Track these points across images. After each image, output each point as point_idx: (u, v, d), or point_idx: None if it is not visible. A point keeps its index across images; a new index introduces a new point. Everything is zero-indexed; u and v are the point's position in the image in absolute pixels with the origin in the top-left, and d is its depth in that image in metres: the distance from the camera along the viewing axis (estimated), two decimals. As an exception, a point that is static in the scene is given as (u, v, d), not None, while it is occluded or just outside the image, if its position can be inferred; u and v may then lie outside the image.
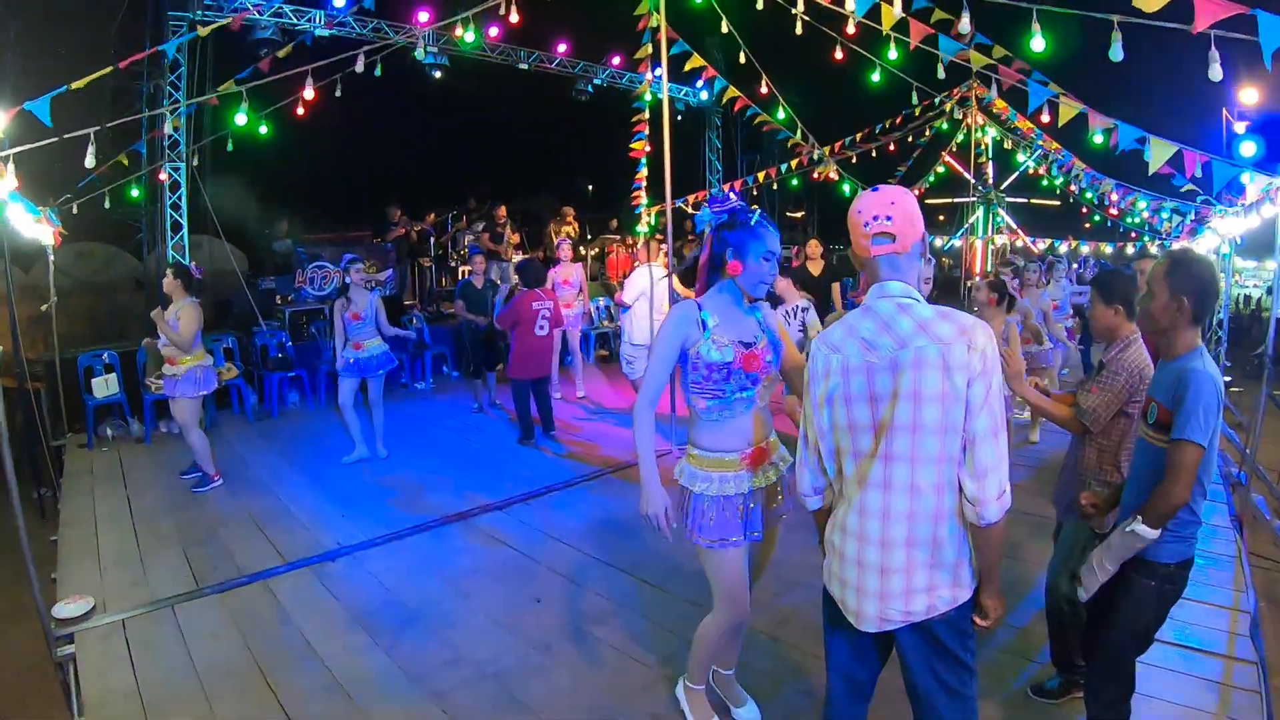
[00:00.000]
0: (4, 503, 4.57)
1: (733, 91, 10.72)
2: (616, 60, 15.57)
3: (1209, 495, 2.90)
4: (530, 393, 8.22)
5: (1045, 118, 7.52)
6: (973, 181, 15.48)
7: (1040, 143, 14.46)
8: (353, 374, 7.63)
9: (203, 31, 6.96)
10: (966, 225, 16.49)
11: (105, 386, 8.89)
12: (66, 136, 5.89)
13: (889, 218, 2.31)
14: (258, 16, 10.60)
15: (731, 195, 3.11)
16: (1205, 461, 2.74)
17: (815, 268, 9.16)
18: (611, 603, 4.73)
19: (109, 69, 6.05)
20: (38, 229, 7.01)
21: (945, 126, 15.14)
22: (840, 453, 2.41)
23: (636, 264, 9.20)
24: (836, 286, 9.25)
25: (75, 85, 5.72)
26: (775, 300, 6.84)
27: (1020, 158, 15.58)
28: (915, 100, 10.17)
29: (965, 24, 6.60)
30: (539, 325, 8.05)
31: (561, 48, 14.82)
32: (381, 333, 7.75)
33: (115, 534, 6.20)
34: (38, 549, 4.54)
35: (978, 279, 6.46)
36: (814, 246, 9.48)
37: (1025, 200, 17.24)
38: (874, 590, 2.32)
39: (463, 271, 13.97)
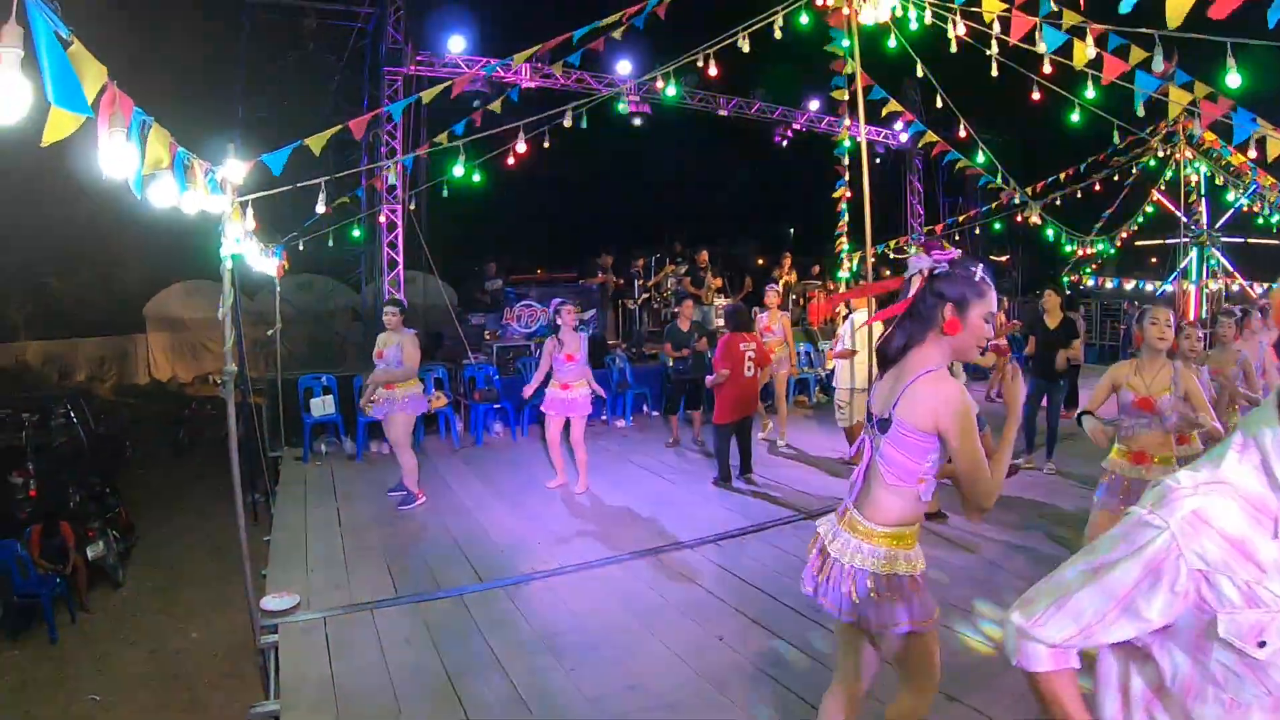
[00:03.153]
0: (222, 504, 4.92)
1: (931, 135, 10.50)
2: (815, 105, 15.58)
3: None
4: (733, 435, 8.17)
5: (1253, 153, 6.97)
6: (1184, 221, 14.39)
7: (1256, 179, 13.35)
8: (558, 411, 7.86)
9: (426, 97, 7.40)
10: (1179, 269, 15.30)
11: (322, 406, 9.56)
12: (300, 185, 6.35)
13: None
14: (475, 83, 11.26)
15: (948, 245, 2.79)
16: None
17: (1052, 321, 8.51)
18: (792, 648, 4.59)
19: (339, 127, 6.51)
20: (265, 262, 7.67)
21: (1153, 163, 14.24)
22: None
23: (848, 311, 9.01)
24: (1078, 344, 8.52)
25: (309, 141, 6.16)
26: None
27: (1233, 195, 14.36)
28: (1118, 140, 9.65)
29: (1159, 62, 6.24)
30: (746, 367, 8.05)
31: (760, 94, 14.95)
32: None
33: (323, 540, 6.63)
34: (250, 548, 4.87)
35: (1186, 325, 5.81)
36: (1051, 298, 8.67)
37: (1242, 240, 15.87)
38: None
39: (668, 314, 14.22)
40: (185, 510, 11.70)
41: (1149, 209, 15.40)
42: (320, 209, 7.06)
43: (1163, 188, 15.00)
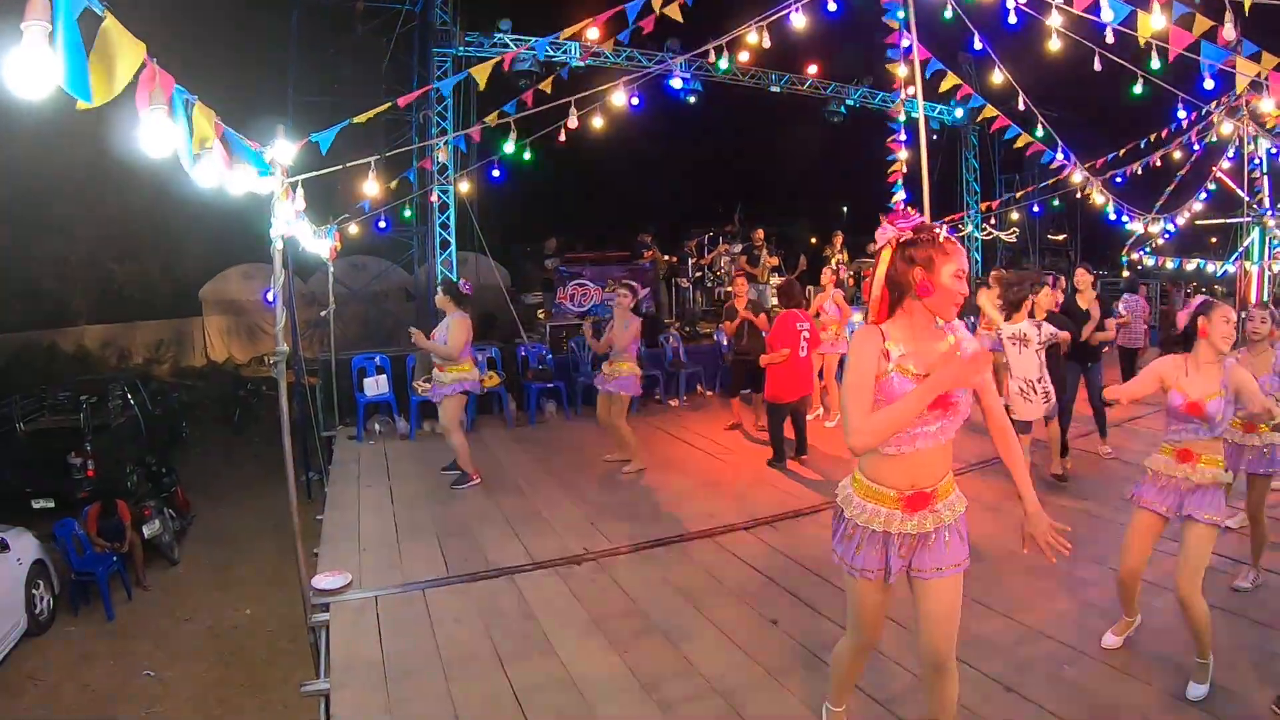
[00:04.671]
0: (277, 483, 4.94)
1: (989, 111, 10.21)
2: (869, 79, 15.32)
3: None
4: (787, 415, 8.05)
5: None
6: (1246, 199, 13.87)
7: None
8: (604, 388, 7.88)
9: (477, 75, 7.34)
10: (1241, 249, 14.76)
11: (376, 386, 9.62)
12: (349, 165, 6.33)
13: None
14: (524, 56, 11.20)
15: (913, 211, 2.84)
16: None
17: (1084, 300, 8.26)
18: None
19: (387, 104, 6.47)
20: (317, 244, 7.70)
21: (1215, 139, 13.73)
22: None
23: None
24: (1112, 323, 8.23)
25: (357, 120, 6.13)
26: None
27: (1299, 171, 13.78)
28: (1182, 112, 9.33)
29: (1230, 31, 5.97)
30: (800, 346, 7.89)
31: (813, 69, 14.72)
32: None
33: (376, 519, 6.65)
34: (303, 526, 4.87)
35: (1251, 309, 5.45)
36: (1082, 276, 8.40)
37: None
38: None
39: (722, 293, 14.12)
40: (240, 489, 11.92)
41: (1211, 186, 14.88)
42: (371, 189, 7.05)
43: (1225, 165, 14.47)
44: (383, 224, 10.44)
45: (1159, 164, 13.51)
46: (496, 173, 9.69)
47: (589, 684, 4.00)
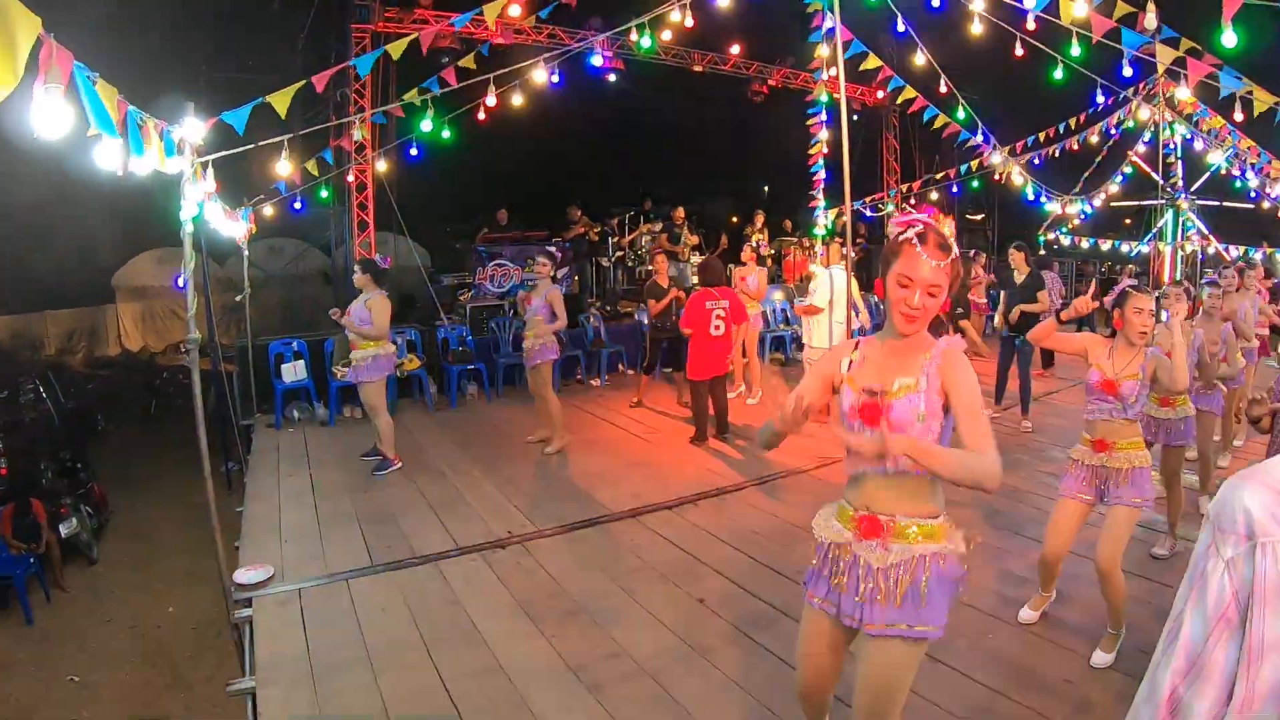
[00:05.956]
0: (196, 475, 4.83)
1: (909, 92, 10.32)
2: (791, 60, 15.36)
3: None
4: (708, 393, 8.09)
5: (1239, 115, 6.90)
6: (1160, 183, 14.34)
7: (1234, 142, 13.29)
8: (524, 363, 7.92)
9: (394, 52, 7.18)
10: (1155, 230, 15.26)
11: (294, 372, 9.41)
12: (262, 144, 6.15)
13: None
14: (444, 37, 10.99)
15: (939, 214, 2.52)
16: None
17: (1020, 278, 8.49)
18: (774, 609, 4.54)
19: (302, 82, 6.29)
20: (232, 227, 7.49)
21: (1132, 124, 14.16)
22: None
23: (816, 266, 8.92)
24: (1044, 295, 8.40)
25: (271, 98, 5.95)
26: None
27: (1211, 158, 14.29)
28: (1100, 98, 9.56)
29: (1151, 19, 6.12)
30: (713, 325, 7.93)
31: (735, 49, 14.72)
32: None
33: (297, 509, 6.51)
34: (223, 519, 4.77)
35: (1166, 286, 5.71)
36: (1016, 255, 8.70)
37: (1217, 203, 15.80)
38: None
39: (643, 272, 14.13)
40: (159, 482, 11.59)
41: (1127, 169, 15.33)
42: (284, 169, 6.87)
43: (1141, 149, 14.91)
44: (298, 205, 10.18)
45: (1077, 147, 13.86)
46: (415, 151, 9.51)
47: (518, 669, 3.99)
